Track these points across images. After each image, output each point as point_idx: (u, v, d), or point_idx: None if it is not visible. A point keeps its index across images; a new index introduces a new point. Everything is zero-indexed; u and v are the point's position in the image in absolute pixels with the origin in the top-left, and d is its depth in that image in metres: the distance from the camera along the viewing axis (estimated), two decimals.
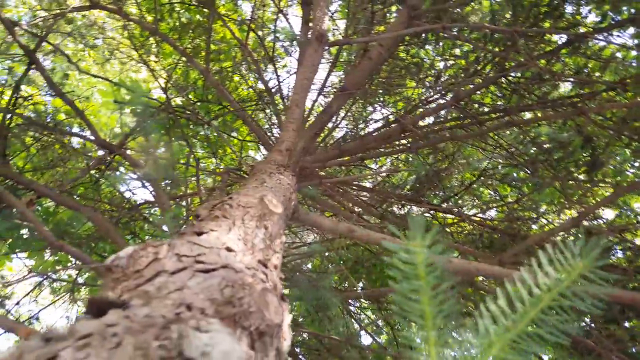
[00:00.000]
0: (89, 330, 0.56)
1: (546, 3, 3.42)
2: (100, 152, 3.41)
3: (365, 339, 5.45)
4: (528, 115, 3.90)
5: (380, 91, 4.27)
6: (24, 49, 2.72)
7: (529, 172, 4.03)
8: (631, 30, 3.14)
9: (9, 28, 2.85)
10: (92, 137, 3.01)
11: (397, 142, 3.84)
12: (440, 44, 4.05)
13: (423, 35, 3.76)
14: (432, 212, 4.23)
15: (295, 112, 2.31)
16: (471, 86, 3.88)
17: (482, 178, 4.19)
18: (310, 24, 3.53)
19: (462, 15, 3.59)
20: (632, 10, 3.05)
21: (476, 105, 4.13)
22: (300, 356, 3.88)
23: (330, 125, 3.92)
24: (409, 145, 3.79)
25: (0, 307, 3.31)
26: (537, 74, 3.51)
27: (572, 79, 3.66)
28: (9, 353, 0.55)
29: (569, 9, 3.49)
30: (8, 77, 2.99)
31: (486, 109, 4.03)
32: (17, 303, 3.23)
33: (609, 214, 4.05)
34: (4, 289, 3.44)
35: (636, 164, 3.86)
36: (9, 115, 2.85)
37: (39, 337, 0.57)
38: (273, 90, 4.19)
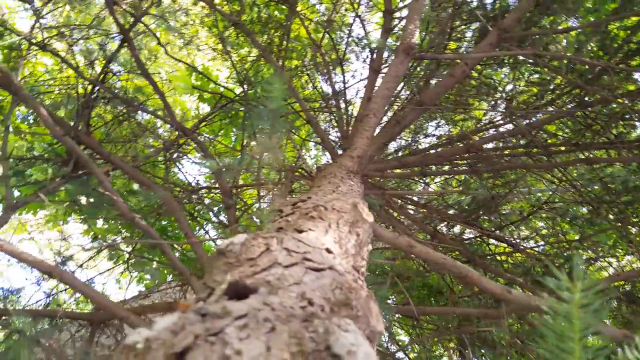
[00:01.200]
0: (242, 312, 0.61)
1: (638, 40, 3.27)
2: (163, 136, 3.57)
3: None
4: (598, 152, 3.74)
5: (448, 107, 4.22)
6: (120, 27, 2.89)
7: (592, 211, 3.87)
8: None
9: (109, 6, 3.04)
10: (169, 119, 3.16)
11: (459, 162, 3.78)
12: (517, 67, 3.96)
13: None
14: (483, 237, 4.13)
15: (372, 120, 2.33)
16: (541, 114, 3.77)
17: (541, 210, 4.05)
18: (391, 33, 3.56)
19: (547, 43, 3.49)
20: None
21: (546, 135, 4.01)
22: None
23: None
24: (471, 166, 3.73)
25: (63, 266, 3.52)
26: (617, 112, 3.36)
27: None
28: (171, 322, 0.60)
29: None
30: (100, 51, 3.18)
31: (556, 140, 3.90)
32: (81, 266, 3.43)
33: None
34: (66, 249, 3.65)
35: None
36: (96, 88, 3.05)
37: (196, 312, 0.62)
38: (339, 93, 4.24)
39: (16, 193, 4.22)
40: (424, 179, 4.88)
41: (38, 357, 2.06)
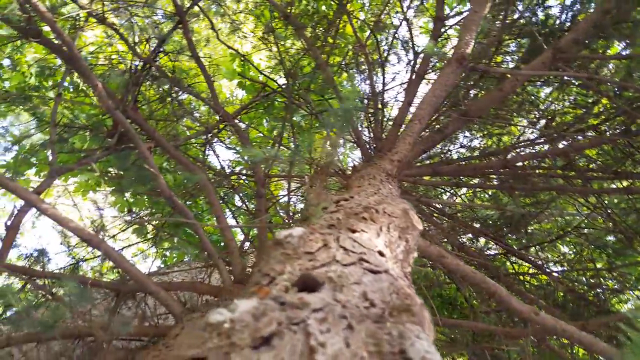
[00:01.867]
0: (319, 305, 0.63)
1: None
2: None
3: None
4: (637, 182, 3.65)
5: (486, 119, 4.16)
6: (177, 8, 2.95)
7: (624, 241, 3.79)
8: None
9: None
10: (212, 102, 3.21)
11: (493, 176, 3.74)
12: (563, 87, 3.88)
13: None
14: (508, 255, 4.09)
15: (416, 126, 2.33)
16: (582, 138, 3.69)
17: (571, 234, 3.98)
18: (442, 41, 3.53)
19: (597, 66, 3.41)
20: None
21: (584, 160, 3.92)
22: None
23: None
24: (504, 182, 3.68)
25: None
26: None
27: None
28: (251, 306, 0.63)
29: None
30: (154, 30, 3.24)
31: (594, 165, 3.82)
32: (113, 237, 3.53)
33: None
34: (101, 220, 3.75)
35: None
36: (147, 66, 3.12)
37: (274, 299, 0.65)
38: (378, 94, 4.23)
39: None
40: (455, 189, 4.85)
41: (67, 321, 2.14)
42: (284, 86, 3.57)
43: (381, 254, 1.03)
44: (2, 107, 3.96)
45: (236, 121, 3.16)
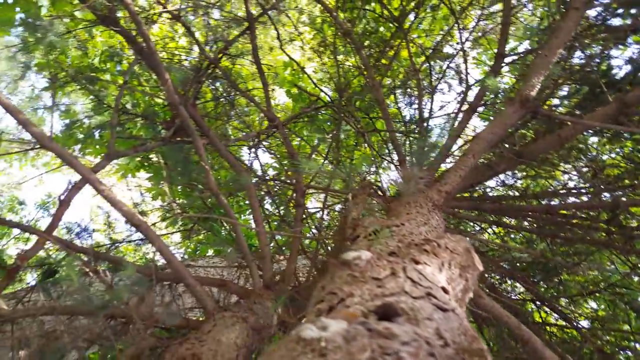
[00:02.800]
0: (407, 338, 0.65)
1: None
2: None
3: None
4: None
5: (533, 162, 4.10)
6: (248, 14, 3.05)
7: None
8: None
9: None
10: (265, 108, 3.29)
11: (533, 220, 3.67)
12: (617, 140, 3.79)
13: None
14: (536, 302, 3.98)
15: (469, 161, 2.33)
16: (630, 193, 3.58)
17: (606, 291, 3.84)
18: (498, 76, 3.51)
19: None
20: None
21: (630, 217, 3.80)
22: None
23: None
24: (545, 227, 3.61)
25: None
26: None
27: None
28: (341, 328, 0.65)
29: None
30: (224, 32, 3.36)
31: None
32: (154, 224, 3.63)
33: None
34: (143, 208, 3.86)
35: None
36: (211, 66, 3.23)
37: (362, 325, 0.67)
38: (424, 120, 4.23)
39: None
40: (487, 226, 4.77)
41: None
42: (335, 101, 3.62)
43: (445, 290, 1.04)
44: (66, 86, 4.17)
45: (287, 129, 3.22)
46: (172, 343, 1.87)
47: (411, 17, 4.66)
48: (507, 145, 2.81)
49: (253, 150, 3.49)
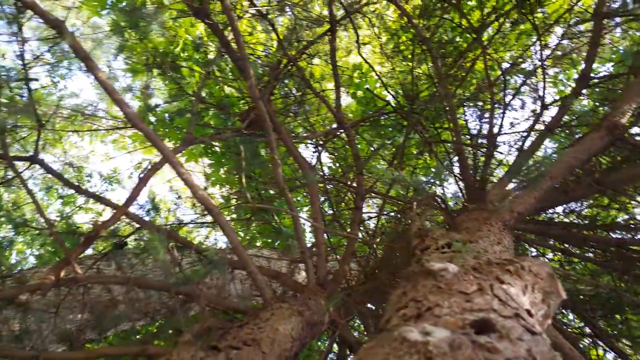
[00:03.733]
0: (509, 355, 0.65)
1: None
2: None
3: None
4: None
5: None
6: (331, 16, 3.10)
7: None
8: None
9: None
10: (334, 110, 3.34)
11: (600, 252, 3.48)
12: None
13: None
14: (596, 339, 3.76)
15: (546, 183, 2.25)
16: None
17: None
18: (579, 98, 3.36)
19: None
20: None
21: None
22: None
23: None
24: (613, 261, 3.40)
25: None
26: None
27: None
28: (446, 336, 0.67)
29: None
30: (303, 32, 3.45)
31: None
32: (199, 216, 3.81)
33: None
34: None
35: None
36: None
37: (466, 335, 0.68)
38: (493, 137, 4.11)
39: None
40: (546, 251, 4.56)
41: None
42: (403, 107, 3.61)
43: (529, 314, 1.02)
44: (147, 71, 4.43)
45: (355, 132, 3.26)
46: (234, 325, 1.96)
47: (489, 29, 4.54)
48: (585, 172, 2.68)
49: (319, 149, 3.55)
